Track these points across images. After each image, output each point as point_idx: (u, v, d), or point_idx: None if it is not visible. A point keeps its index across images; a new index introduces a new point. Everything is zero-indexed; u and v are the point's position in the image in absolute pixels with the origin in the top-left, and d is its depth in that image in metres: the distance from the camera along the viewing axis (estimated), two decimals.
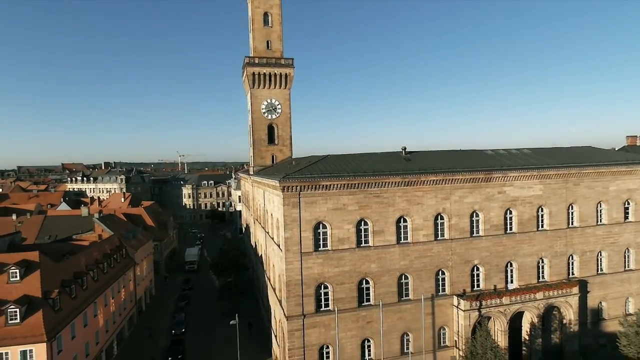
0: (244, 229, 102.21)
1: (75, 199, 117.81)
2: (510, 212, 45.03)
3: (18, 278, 37.50)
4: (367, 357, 40.57)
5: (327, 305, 39.51)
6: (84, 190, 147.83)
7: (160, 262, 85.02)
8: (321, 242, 39.18)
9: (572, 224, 47.49)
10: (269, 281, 51.00)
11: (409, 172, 40.84)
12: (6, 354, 33.54)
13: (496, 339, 41.52)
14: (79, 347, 40.61)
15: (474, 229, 43.83)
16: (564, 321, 45.84)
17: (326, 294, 39.51)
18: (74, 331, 39.64)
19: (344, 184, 38.88)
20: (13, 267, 37.61)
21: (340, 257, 39.39)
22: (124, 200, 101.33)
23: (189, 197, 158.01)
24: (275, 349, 48.47)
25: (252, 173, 66.57)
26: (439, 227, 42.60)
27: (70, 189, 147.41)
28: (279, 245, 41.60)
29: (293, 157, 68.07)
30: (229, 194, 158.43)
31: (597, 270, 48.69)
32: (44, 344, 33.98)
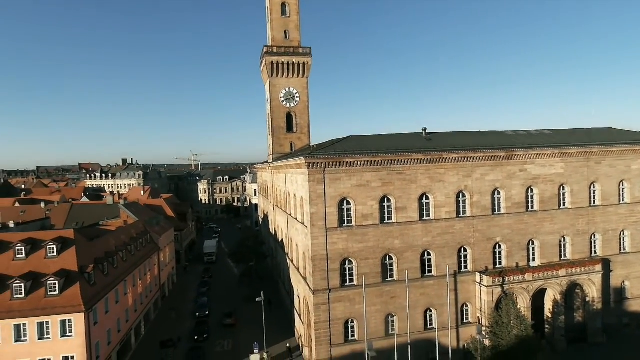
0: (260, 221, 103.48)
1: (95, 194, 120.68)
2: (532, 190, 45.27)
3: (55, 254, 39.10)
4: (391, 332, 41.22)
5: (351, 280, 40.30)
6: (102, 186, 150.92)
7: (181, 251, 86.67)
8: (345, 218, 39.99)
9: (594, 202, 47.52)
10: (292, 262, 51.97)
11: (431, 150, 41.44)
12: (47, 323, 35.05)
13: None
14: (112, 323, 42.06)
15: (496, 207, 44.18)
16: (587, 299, 45.88)
17: (351, 269, 40.30)
18: (107, 306, 41.09)
19: (368, 161, 39.62)
20: (50, 243, 39.22)
21: (364, 233, 40.14)
22: (144, 193, 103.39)
23: (205, 192, 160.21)
24: (299, 328, 49.42)
25: (272, 160, 67.65)
26: (461, 204, 43.08)
27: (90, 186, 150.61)
28: (303, 223, 42.53)
29: (311, 145, 68.94)
30: (244, 189, 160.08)
31: (620, 249, 48.59)
32: (82, 314, 35.44)
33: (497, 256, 44.41)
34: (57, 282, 36.12)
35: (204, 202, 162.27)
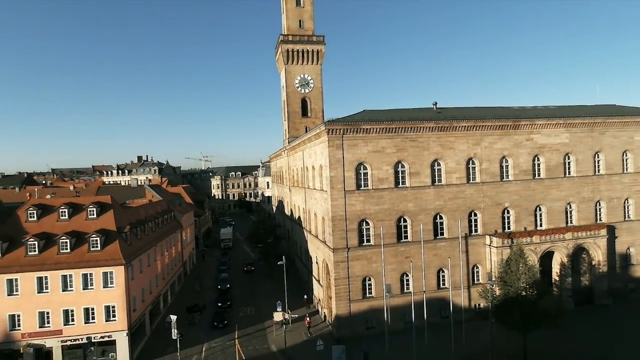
0: (274, 209, 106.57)
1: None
2: (538, 159, 47.69)
3: (95, 216, 42.43)
4: (406, 290, 43.76)
5: (368, 240, 43.01)
6: (119, 182, 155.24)
7: (199, 236, 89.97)
8: (362, 182, 42.79)
9: (598, 171, 49.79)
10: (310, 233, 54.84)
11: (442, 118, 44.18)
12: (90, 274, 38.21)
13: None
14: (145, 283, 45.18)
15: (504, 174, 46.67)
16: (593, 262, 47.96)
17: (367, 230, 43.03)
18: (141, 267, 44.23)
19: (383, 128, 42.48)
20: (91, 206, 42.59)
21: (380, 196, 42.89)
22: (162, 183, 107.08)
23: (218, 187, 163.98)
24: (317, 294, 52.17)
25: (288, 144, 70.75)
26: (471, 171, 45.66)
27: (107, 182, 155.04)
28: (322, 189, 45.41)
29: None
30: (256, 184, 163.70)
31: (625, 217, 50.71)
32: (122, 267, 38.59)
33: (506, 221, 46.84)
34: (98, 239, 39.37)
35: (217, 197, 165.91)
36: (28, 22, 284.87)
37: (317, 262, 51.23)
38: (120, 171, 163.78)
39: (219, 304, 53.32)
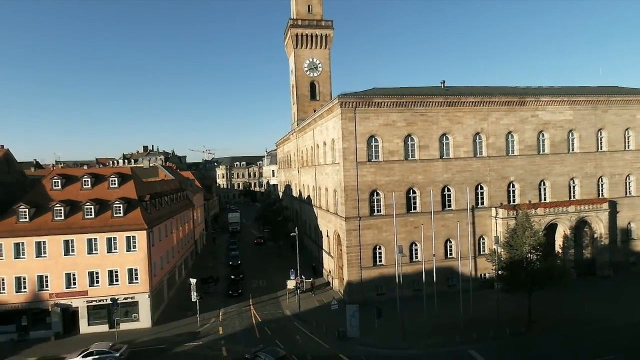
0: (280, 195, 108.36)
1: None
2: (543, 135, 49.28)
3: (116, 185, 44.17)
4: (415, 259, 45.49)
5: (379, 210, 44.72)
6: None
7: (208, 219, 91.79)
8: (373, 154, 44.44)
9: (601, 148, 51.37)
10: (319, 209, 56.59)
11: (450, 94, 45.77)
12: (114, 238, 39.96)
13: None
14: (163, 252, 46.94)
15: (510, 149, 48.30)
16: (595, 235, 49.60)
17: (378, 200, 44.73)
18: (160, 235, 45.98)
19: (393, 102, 44.08)
20: (112, 176, 44.37)
21: (390, 168, 44.55)
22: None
23: (223, 177, 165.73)
24: (327, 267, 53.97)
25: (297, 126, 72.37)
26: (478, 145, 47.27)
27: None
28: (334, 163, 47.08)
29: None
30: (260, 174, 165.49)
31: (626, 193, 52.32)
32: (144, 232, 40.34)
33: (511, 194, 48.49)
34: (121, 205, 41.11)
35: (222, 186, 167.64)
36: (35, 21, 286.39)
37: (327, 236, 52.95)
38: (126, 160, 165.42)
39: (232, 277, 55.13)
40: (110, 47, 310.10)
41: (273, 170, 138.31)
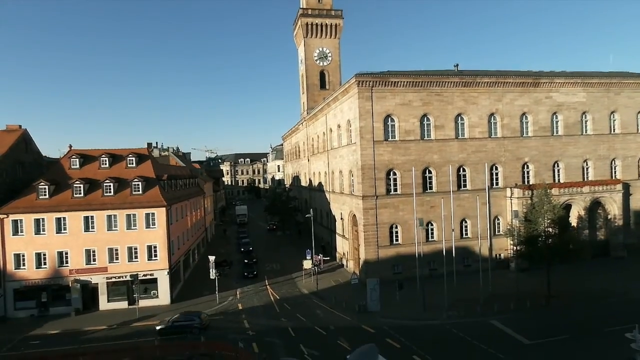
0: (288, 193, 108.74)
1: None
2: (557, 117, 49.56)
3: (134, 165, 44.42)
4: (430, 238, 45.67)
5: (395, 189, 44.92)
6: None
7: (216, 211, 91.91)
8: (390, 133, 44.68)
9: (614, 130, 51.65)
10: (332, 194, 56.79)
11: (466, 74, 46.05)
12: (134, 215, 40.12)
13: None
14: (179, 232, 47.07)
15: (524, 130, 48.55)
16: (609, 217, 49.74)
17: (395, 180, 44.93)
18: (177, 216, 46.14)
19: (410, 82, 44.34)
20: (130, 156, 44.62)
21: (406, 147, 44.78)
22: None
23: (227, 173, 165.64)
24: (340, 250, 54.10)
25: (307, 114, 72.64)
26: (492, 126, 47.53)
27: None
28: (349, 144, 47.30)
29: None
30: (265, 171, 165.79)
31: (639, 175, 52.50)
32: (163, 209, 40.50)
33: (526, 175, 48.70)
34: (140, 183, 41.32)
35: (226, 182, 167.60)
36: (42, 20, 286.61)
37: (341, 219, 53.09)
38: None
39: (245, 261, 55.25)
40: (109, 47, 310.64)
41: (278, 165, 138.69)
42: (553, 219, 36.94)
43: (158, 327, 32.87)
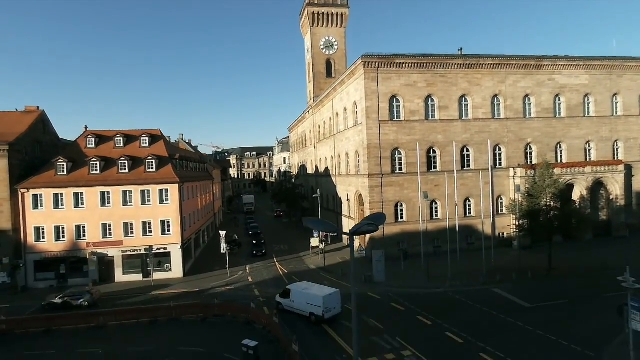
0: (293, 180, 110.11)
1: None
2: (559, 99, 50.43)
3: (147, 144, 45.94)
4: (435, 216, 46.82)
5: (400, 168, 46.10)
6: None
7: (224, 200, 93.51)
8: (395, 113, 45.85)
9: (616, 112, 52.41)
10: (338, 176, 58.06)
11: (469, 55, 47.06)
12: (148, 191, 41.60)
13: None
14: (191, 210, 48.54)
15: (527, 111, 49.50)
16: (611, 197, 50.62)
17: (400, 159, 46.11)
18: (188, 194, 47.61)
19: (415, 63, 45.47)
20: (143, 136, 46.18)
21: (411, 127, 45.93)
22: None
23: (234, 167, 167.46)
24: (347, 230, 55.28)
25: (313, 102, 73.89)
26: (496, 107, 48.53)
27: None
28: (356, 125, 48.51)
29: None
30: (271, 164, 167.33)
31: None
32: (177, 185, 41.96)
33: (529, 156, 49.67)
34: (153, 161, 42.82)
35: (233, 175, 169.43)
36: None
37: (347, 199, 54.36)
38: None
39: (254, 242, 56.68)
40: (109, 46, 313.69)
41: (284, 158, 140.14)
42: (554, 193, 37.96)
43: (43, 303, 33.77)
